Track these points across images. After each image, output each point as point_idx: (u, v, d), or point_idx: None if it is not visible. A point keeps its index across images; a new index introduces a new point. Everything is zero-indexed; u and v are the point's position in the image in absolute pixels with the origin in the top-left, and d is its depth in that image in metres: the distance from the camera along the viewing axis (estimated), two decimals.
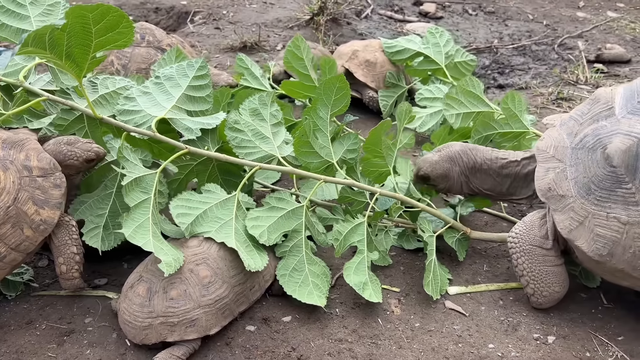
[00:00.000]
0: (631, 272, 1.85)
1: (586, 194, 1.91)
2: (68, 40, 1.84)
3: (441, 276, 2.21)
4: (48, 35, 1.77)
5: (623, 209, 1.83)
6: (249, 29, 5.58)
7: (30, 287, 2.19)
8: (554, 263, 2.06)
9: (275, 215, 2.14)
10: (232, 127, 2.25)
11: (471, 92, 2.93)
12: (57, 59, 1.89)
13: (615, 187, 1.84)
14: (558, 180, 1.99)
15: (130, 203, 1.97)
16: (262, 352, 1.90)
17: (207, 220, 2.05)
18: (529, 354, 1.92)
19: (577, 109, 2.12)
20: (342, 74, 2.33)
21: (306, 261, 2.12)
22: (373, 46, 3.86)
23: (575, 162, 1.96)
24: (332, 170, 2.37)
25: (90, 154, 2.07)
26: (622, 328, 2.04)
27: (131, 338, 1.89)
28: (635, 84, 1.95)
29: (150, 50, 3.36)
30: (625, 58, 5.08)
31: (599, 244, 1.88)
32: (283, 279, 2.07)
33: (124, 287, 1.97)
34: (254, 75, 2.87)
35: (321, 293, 2.06)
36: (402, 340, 1.98)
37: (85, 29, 1.85)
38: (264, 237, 2.07)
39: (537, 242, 2.06)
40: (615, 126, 1.89)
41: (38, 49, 1.80)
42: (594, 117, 1.99)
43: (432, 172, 2.35)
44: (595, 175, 1.89)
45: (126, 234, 1.89)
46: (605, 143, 1.87)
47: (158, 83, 2.29)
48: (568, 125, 2.08)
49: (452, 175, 2.34)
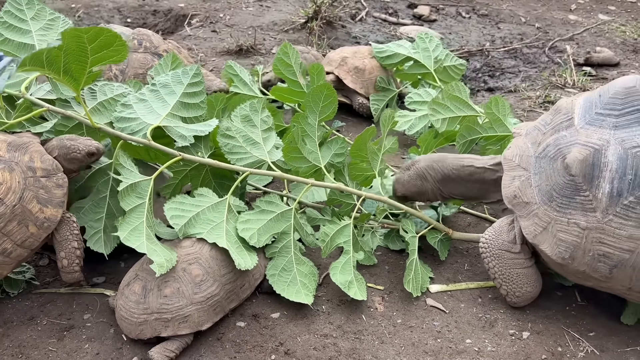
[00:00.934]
0: (592, 274, 1.95)
1: (549, 201, 2.01)
2: (65, 58, 1.95)
3: (422, 274, 2.31)
4: (45, 54, 1.87)
5: (582, 215, 1.93)
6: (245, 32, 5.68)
7: (32, 284, 2.30)
8: (524, 265, 2.16)
9: (265, 218, 2.25)
10: (223, 134, 2.35)
11: (457, 97, 3.03)
12: (55, 75, 2.00)
13: (574, 195, 1.94)
14: (523, 187, 2.09)
15: (125, 207, 2.07)
16: (252, 347, 2.01)
17: (199, 222, 2.15)
18: (504, 348, 2.03)
19: (541, 118, 2.21)
20: (328, 83, 2.43)
21: (294, 261, 2.23)
22: (362, 53, 3.96)
23: (539, 171, 2.05)
24: (321, 173, 2.47)
25: (92, 148, 2.17)
26: (593, 324, 2.15)
27: (127, 333, 2.00)
28: (594, 95, 2.03)
29: (147, 55, 3.47)
30: (614, 61, 5.18)
31: (561, 247, 1.98)
32: (272, 278, 2.18)
33: (121, 285, 2.08)
34: (243, 81, 2.96)
35: (308, 292, 2.17)
36: (384, 335, 2.09)
37: (81, 47, 1.95)
38: (254, 240, 2.18)
39: (505, 246, 2.16)
40: (574, 136, 1.97)
41: (36, 67, 1.91)
42: (555, 127, 2.08)
43: (406, 191, 2.48)
44: (556, 184, 1.98)
45: (121, 236, 1.99)
46: (565, 153, 1.96)
47: (154, 90, 2.39)
48: (532, 135, 2.17)
49: (426, 189, 2.45)
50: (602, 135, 1.91)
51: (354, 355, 1.99)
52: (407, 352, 2.01)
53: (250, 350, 2.00)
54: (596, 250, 1.91)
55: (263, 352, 1.99)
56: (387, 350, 2.02)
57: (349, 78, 3.82)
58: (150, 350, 1.93)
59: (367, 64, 3.88)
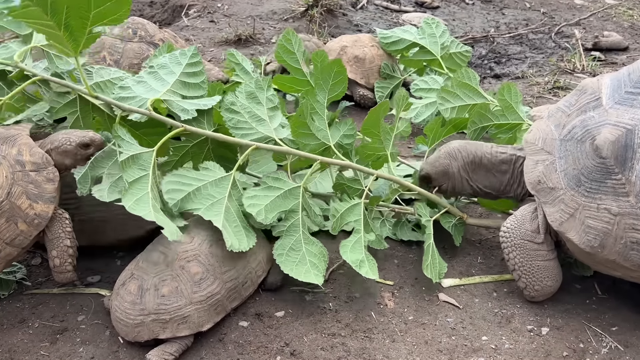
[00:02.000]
0: (622, 263, 1.84)
1: (576, 186, 1.90)
2: (67, 10, 1.85)
3: (439, 260, 2.20)
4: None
5: (613, 200, 1.81)
6: (243, 21, 5.55)
7: (23, 285, 2.19)
8: (546, 257, 2.05)
9: (273, 195, 2.14)
10: (228, 109, 2.24)
11: (467, 84, 2.91)
12: (57, 29, 1.90)
13: (605, 179, 1.83)
14: (547, 172, 1.98)
15: (128, 179, 1.97)
16: (256, 348, 1.90)
17: (199, 197, 2.04)
18: (523, 345, 1.92)
19: (564, 99, 2.10)
20: (339, 59, 2.32)
21: (303, 241, 2.11)
22: (362, 41, 3.82)
23: (565, 154, 1.94)
24: (329, 153, 2.36)
25: (85, 139, 2.07)
26: (616, 319, 2.04)
27: (123, 335, 1.89)
28: (622, 74, 1.93)
29: (142, 45, 3.34)
30: (623, 45, 5.04)
31: (590, 235, 1.87)
32: (280, 258, 2.06)
33: (116, 285, 1.97)
34: (245, 70, 2.85)
35: (318, 272, 2.05)
36: (395, 333, 1.98)
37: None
38: (261, 216, 2.06)
39: (528, 236, 2.05)
40: (603, 117, 1.87)
41: (40, 12, 1.80)
42: (581, 108, 1.97)
43: (432, 169, 2.34)
44: (584, 167, 1.87)
45: (127, 205, 1.87)
46: (594, 134, 1.86)
47: (152, 72, 2.30)
48: (556, 117, 2.06)
49: (453, 171, 2.32)
50: (634, 114, 1.79)
51: (364, 355, 1.88)
52: (420, 351, 1.90)
53: (254, 351, 1.89)
54: (629, 238, 1.80)
55: (267, 354, 1.88)
56: (399, 349, 1.91)
57: (349, 68, 3.68)
58: (148, 353, 1.82)
59: (367, 52, 3.75)
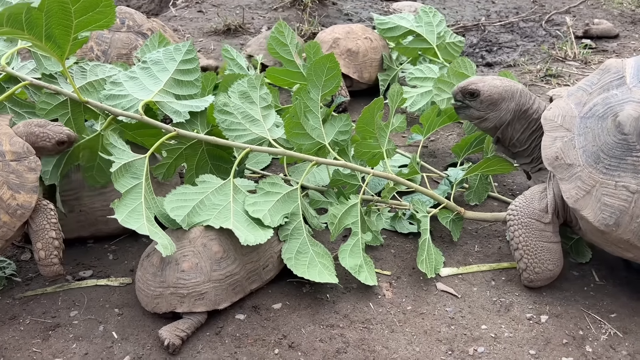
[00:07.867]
0: (636, 243, 1.83)
1: (595, 163, 1.88)
2: (47, 20, 1.80)
3: (435, 254, 2.19)
4: (24, 14, 1.71)
5: (633, 177, 1.80)
6: (232, 11, 5.47)
7: (13, 281, 2.13)
8: (551, 240, 2.04)
9: (272, 200, 2.11)
10: (221, 110, 2.19)
11: (463, 73, 2.88)
12: (37, 41, 1.84)
13: (625, 155, 1.82)
14: (566, 149, 1.97)
15: (121, 189, 1.94)
16: (253, 341, 1.87)
17: (204, 209, 2.02)
18: (522, 334, 1.91)
19: (585, 79, 2.09)
20: (332, 54, 2.27)
21: (309, 243, 2.10)
22: (355, 33, 3.75)
23: (584, 131, 1.94)
24: (324, 152, 2.32)
25: (62, 136, 2.02)
26: (614, 305, 2.03)
27: (144, 305, 1.95)
28: None
29: (130, 35, 3.27)
30: (613, 33, 5.04)
31: (605, 213, 1.85)
32: (290, 262, 2.04)
33: (142, 256, 2.01)
34: (239, 65, 2.80)
35: (330, 272, 2.04)
36: (394, 324, 1.96)
37: (64, 8, 1.80)
38: (267, 220, 2.04)
39: (536, 215, 2.04)
40: (626, 95, 1.87)
41: (15, 29, 1.74)
42: (604, 87, 1.97)
43: (488, 91, 2.21)
44: (605, 144, 1.86)
45: (119, 218, 1.86)
46: (617, 111, 1.85)
47: (145, 67, 2.24)
48: (576, 96, 2.05)
49: (502, 107, 2.22)
50: None
51: (363, 346, 1.86)
52: (420, 341, 1.88)
53: (251, 344, 1.86)
54: None
55: (265, 346, 1.85)
56: (398, 340, 1.89)
57: (341, 62, 3.60)
58: (160, 329, 1.84)
59: (360, 45, 3.68)
